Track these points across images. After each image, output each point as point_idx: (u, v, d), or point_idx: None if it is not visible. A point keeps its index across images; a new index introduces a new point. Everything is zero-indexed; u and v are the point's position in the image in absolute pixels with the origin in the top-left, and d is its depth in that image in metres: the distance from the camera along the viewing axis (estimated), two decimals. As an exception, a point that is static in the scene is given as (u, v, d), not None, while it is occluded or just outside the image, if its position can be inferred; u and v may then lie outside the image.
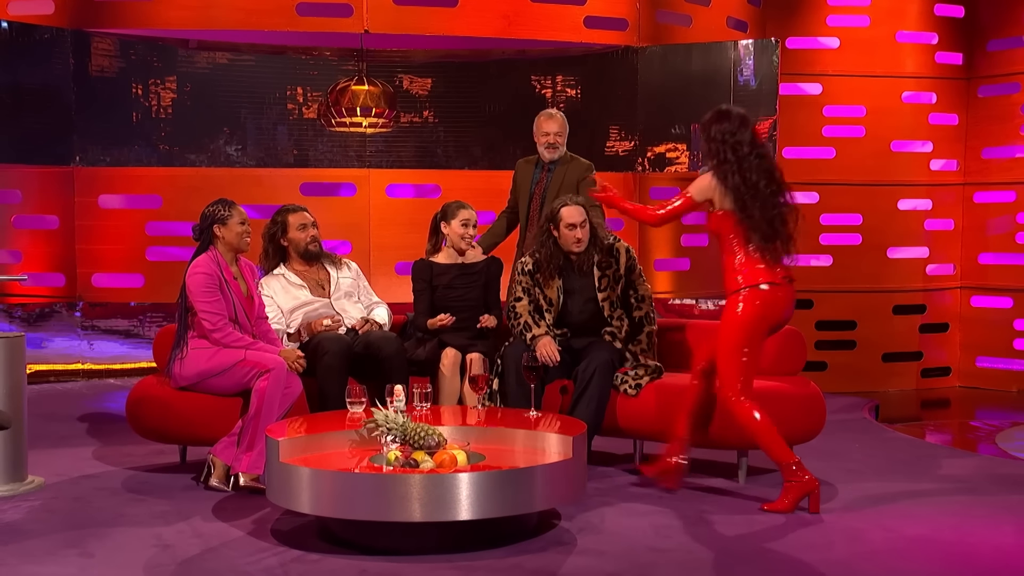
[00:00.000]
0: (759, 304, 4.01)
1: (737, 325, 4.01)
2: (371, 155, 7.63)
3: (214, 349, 4.32)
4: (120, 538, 3.66)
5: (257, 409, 4.18)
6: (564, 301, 4.74)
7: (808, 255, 8.25)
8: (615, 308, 4.72)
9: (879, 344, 8.05)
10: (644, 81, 7.51)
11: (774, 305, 4.03)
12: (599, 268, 4.74)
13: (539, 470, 3.51)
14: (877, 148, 8.03)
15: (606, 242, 4.77)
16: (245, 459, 4.20)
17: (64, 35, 6.90)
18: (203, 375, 4.32)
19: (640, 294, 4.76)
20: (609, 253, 4.76)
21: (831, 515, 3.96)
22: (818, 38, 8.05)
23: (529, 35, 7.35)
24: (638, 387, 4.52)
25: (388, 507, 3.31)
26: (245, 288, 4.47)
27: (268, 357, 4.29)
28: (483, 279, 5.01)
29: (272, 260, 4.96)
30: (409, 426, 3.59)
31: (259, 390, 4.18)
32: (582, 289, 4.74)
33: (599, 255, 4.75)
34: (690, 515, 3.95)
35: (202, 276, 4.31)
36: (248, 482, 4.19)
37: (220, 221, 4.39)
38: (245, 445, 4.20)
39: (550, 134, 5.46)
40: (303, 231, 4.91)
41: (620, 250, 4.78)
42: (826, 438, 4.87)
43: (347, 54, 7.51)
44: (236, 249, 4.45)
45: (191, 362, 4.33)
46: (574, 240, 4.66)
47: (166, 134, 7.31)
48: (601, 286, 4.73)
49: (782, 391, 4.43)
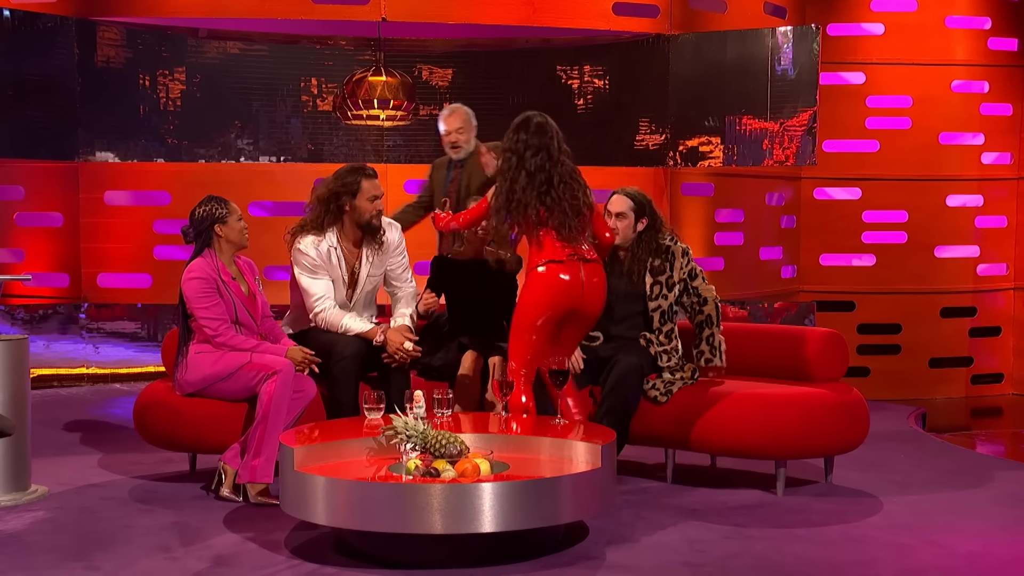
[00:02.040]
0: (540, 285, 4.28)
1: (523, 304, 4.34)
2: (388, 149, 7.66)
3: (218, 353, 4.34)
4: (128, 550, 3.68)
5: (264, 414, 4.19)
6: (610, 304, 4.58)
7: (850, 254, 8.22)
8: (666, 320, 4.61)
9: (926, 349, 8.00)
10: (676, 71, 7.50)
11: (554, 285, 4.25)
12: (652, 274, 4.63)
13: (566, 480, 3.50)
14: (924, 141, 7.98)
15: (663, 243, 4.66)
16: (252, 466, 4.21)
17: (68, 24, 6.97)
18: (208, 380, 4.35)
19: (703, 297, 4.61)
20: (664, 256, 4.65)
21: (876, 530, 3.93)
22: (861, 24, 8.01)
23: (554, 23, 7.36)
24: (668, 393, 4.50)
25: (407, 518, 3.31)
26: (246, 288, 4.48)
27: (275, 359, 4.30)
28: (508, 277, 4.98)
29: (328, 222, 4.67)
30: (430, 433, 3.59)
31: (266, 393, 4.20)
32: (627, 295, 4.65)
33: (653, 258, 4.63)
34: (725, 528, 3.94)
35: (197, 281, 4.33)
36: (257, 497, 4.20)
37: (220, 220, 4.40)
38: (252, 452, 4.21)
39: (450, 132, 5.43)
40: (373, 203, 4.69)
41: (676, 253, 4.64)
42: (869, 448, 4.85)
43: (364, 43, 7.54)
44: (238, 247, 4.48)
45: (195, 367, 4.36)
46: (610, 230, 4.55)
47: (175, 127, 7.36)
48: (652, 294, 4.63)
49: (822, 398, 4.41)
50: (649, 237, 4.66)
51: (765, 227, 8.15)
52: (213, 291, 4.33)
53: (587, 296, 4.30)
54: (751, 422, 4.35)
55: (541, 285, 4.28)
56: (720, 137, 7.48)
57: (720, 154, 7.51)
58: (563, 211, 4.31)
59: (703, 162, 7.56)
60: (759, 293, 8.02)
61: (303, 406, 4.34)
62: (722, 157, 7.50)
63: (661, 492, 4.49)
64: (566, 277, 4.25)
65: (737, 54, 7.40)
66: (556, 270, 4.26)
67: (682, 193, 7.92)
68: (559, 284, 4.25)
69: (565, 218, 4.30)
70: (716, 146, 7.52)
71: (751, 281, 8.02)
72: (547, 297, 4.26)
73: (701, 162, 7.56)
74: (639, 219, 4.66)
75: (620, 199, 4.66)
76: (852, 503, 4.32)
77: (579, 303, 4.29)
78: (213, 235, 4.41)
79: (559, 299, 4.27)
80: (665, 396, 4.49)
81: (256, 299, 4.51)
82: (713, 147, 7.53)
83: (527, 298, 4.32)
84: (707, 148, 7.55)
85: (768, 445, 4.35)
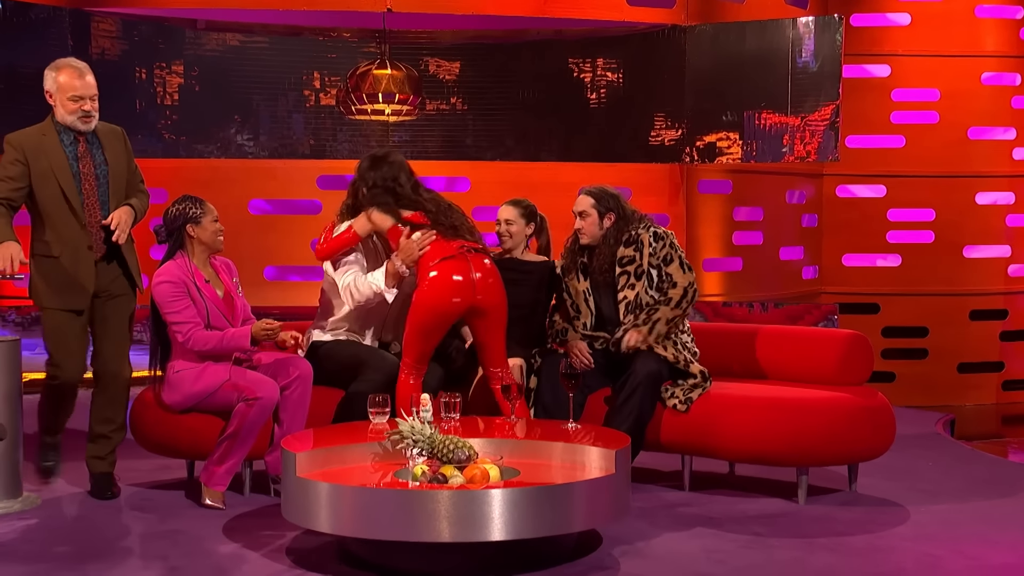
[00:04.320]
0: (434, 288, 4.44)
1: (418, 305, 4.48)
2: (394, 145, 7.67)
3: (199, 368, 4.33)
4: (124, 560, 3.70)
5: (235, 431, 4.25)
6: (597, 304, 4.72)
7: (874, 254, 8.21)
8: (635, 310, 4.58)
9: (954, 353, 7.98)
10: (693, 64, 7.51)
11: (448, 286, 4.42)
12: (620, 264, 4.65)
13: (578, 487, 3.50)
14: (952, 136, 7.97)
15: (633, 232, 4.65)
16: (212, 471, 4.30)
17: (62, 14, 7.00)
18: (191, 399, 4.36)
19: (674, 280, 4.57)
20: (635, 245, 4.65)
21: (903, 540, 3.92)
22: (886, 14, 8.01)
23: (566, 14, 7.37)
24: (688, 401, 4.49)
25: (414, 526, 3.32)
26: (222, 290, 4.45)
27: (259, 381, 4.28)
28: (536, 280, 4.99)
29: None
30: (437, 438, 3.60)
31: (239, 412, 4.24)
32: (607, 289, 4.69)
33: (624, 249, 4.64)
34: (745, 538, 3.93)
35: (167, 285, 4.31)
36: (210, 500, 4.29)
37: (193, 220, 4.38)
38: (216, 459, 4.30)
39: (84, 99, 4.45)
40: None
41: (644, 240, 4.63)
42: (896, 455, 4.84)
43: (368, 35, 7.56)
44: (211, 249, 4.45)
45: (177, 387, 4.37)
46: (578, 231, 4.68)
47: (172, 123, 7.39)
48: (619, 284, 4.64)
49: (846, 402, 4.40)
50: (618, 230, 4.66)
51: (785, 226, 8.14)
52: (183, 295, 4.30)
53: (480, 291, 4.41)
54: (771, 427, 4.34)
55: (435, 288, 4.39)
56: (739, 132, 7.48)
57: (738, 150, 7.50)
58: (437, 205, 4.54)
59: (721, 158, 7.56)
60: (779, 295, 8.01)
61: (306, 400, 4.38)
62: (741, 153, 7.50)
63: (677, 500, 4.48)
64: (459, 278, 4.39)
65: (756, 46, 7.40)
66: (448, 270, 4.39)
67: (699, 191, 7.92)
68: (452, 284, 4.39)
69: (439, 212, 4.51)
70: (734, 142, 7.52)
71: (771, 282, 8.01)
72: (442, 300, 4.39)
73: (719, 158, 7.56)
74: (604, 215, 4.67)
75: (581, 198, 4.72)
76: (878, 512, 4.31)
77: (474, 300, 4.41)
78: (185, 236, 4.40)
79: (453, 302, 4.39)
80: (684, 405, 4.48)
81: (235, 302, 4.48)
82: (731, 143, 7.53)
83: (422, 301, 4.41)
84: (725, 144, 7.55)
85: (789, 451, 4.34)
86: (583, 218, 4.69)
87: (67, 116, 4.41)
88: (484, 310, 4.46)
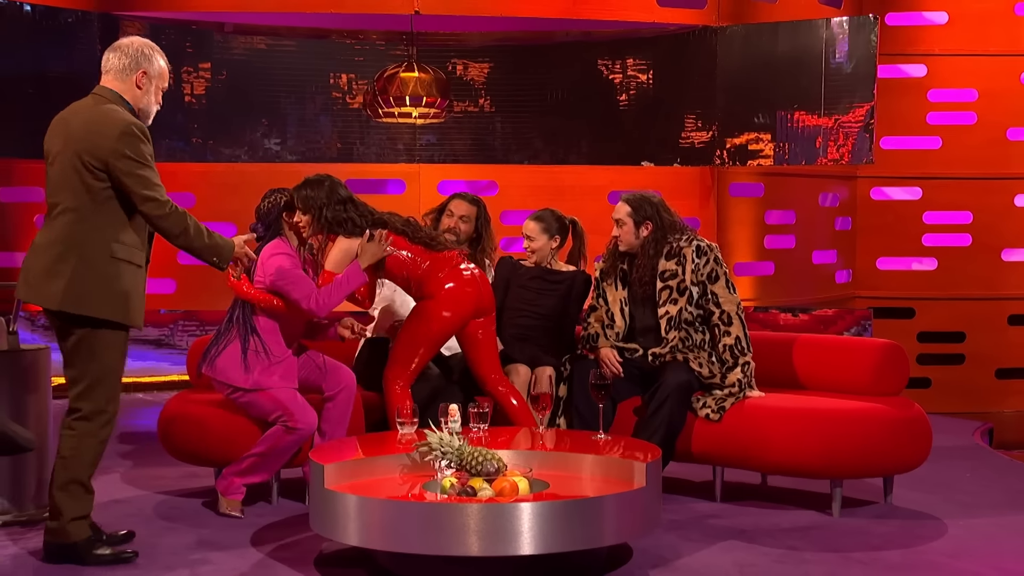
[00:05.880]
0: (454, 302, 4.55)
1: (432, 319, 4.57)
2: (422, 148, 7.68)
3: (261, 366, 4.34)
4: (150, 568, 3.72)
5: (265, 451, 4.29)
6: (632, 315, 4.69)
7: (909, 258, 8.14)
8: (678, 327, 4.57)
9: (992, 358, 7.90)
10: (724, 65, 7.46)
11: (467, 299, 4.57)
12: (662, 279, 4.62)
13: (609, 500, 3.49)
14: (990, 136, 7.88)
15: (675, 245, 4.62)
16: (233, 481, 4.33)
17: (90, 18, 7.05)
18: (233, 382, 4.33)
19: (724, 310, 4.56)
20: (677, 258, 4.62)
21: (940, 556, 3.88)
22: (923, 13, 7.93)
23: (596, 15, 7.35)
24: (721, 411, 4.46)
25: (442, 540, 3.31)
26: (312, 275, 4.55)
27: (304, 414, 4.27)
28: (564, 290, 4.99)
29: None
30: (465, 450, 3.60)
31: (275, 435, 4.27)
32: (646, 301, 4.66)
33: (665, 262, 4.60)
34: (778, 551, 3.90)
35: (284, 257, 4.33)
36: (227, 509, 4.32)
37: (288, 208, 4.46)
38: (238, 469, 4.33)
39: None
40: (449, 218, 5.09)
41: (687, 255, 4.59)
42: (932, 466, 4.78)
43: (396, 38, 7.57)
44: (302, 235, 4.48)
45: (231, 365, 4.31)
46: (615, 238, 4.67)
47: (199, 126, 7.42)
48: (660, 299, 4.61)
49: (881, 414, 4.36)
50: (657, 240, 4.62)
51: (818, 229, 8.08)
52: (300, 266, 4.39)
53: (485, 296, 4.58)
54: (805, 439, 4.31)
55: (456, 299, 4.49)
56: (771, 134, 7.43)
57: (771, 152, 7.45)
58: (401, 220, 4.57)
59: (752, 161, 7.51)
60: (812, 299, 7.96)
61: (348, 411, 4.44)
62: (773, 155, 7.45)
63: (709, 511, 4.46)
64: (470, 288, 4.52)
65: (789, 46, 7.35)
66: (464, 282, 4.50)
67: (730, 194, 7.87)
68: (470, 294, 4.52)
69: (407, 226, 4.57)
70: (766, 144, 7.47)
71: (803, 286, 7.96)
72: (465, 311, 4.52)
73: (750, 161, 7.51)
74: (641, 224, 4.64)
75: (619, 205, 4.71)
76: (914, 526, 4.27)
77: (480, 303, 4.55)
78: (283, 224, 4.47)
79: (470, 310, 4.54)
80: (717, 414, 4.45)
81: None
82: (763, 145, 7.48)
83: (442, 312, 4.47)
84: (756, 146, 7.50)
85: (824, 464, 4.30)
86: (619, 226, 4.67)
87: (152, 105, 3.91)
88: (487, 311, 4.59)
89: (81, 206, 3.67)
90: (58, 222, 3.71)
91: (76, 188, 3.68)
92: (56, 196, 3.74)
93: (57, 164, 3.76)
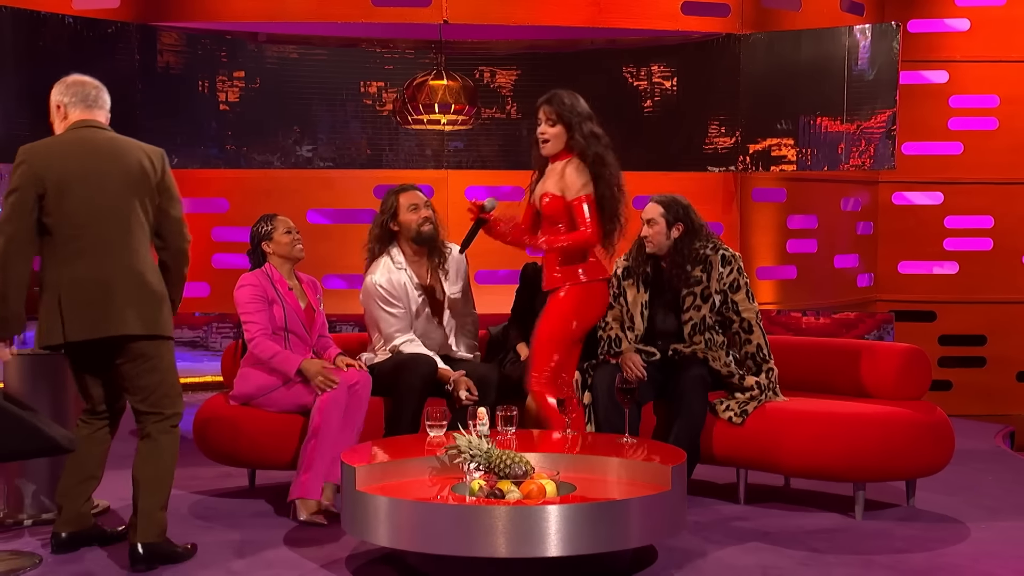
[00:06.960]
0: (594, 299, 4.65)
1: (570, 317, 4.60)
2: (450, 155, 7.69)
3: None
4: (188, 569, 3.74)
5: (315, 428, 4.26)
6: (651, 317, 4.67)
7: (931, 262, 8.07)
8: (702, 331, 4.55)
9: (1014, 361, 7.82)
10: (747, 71, 7.42)
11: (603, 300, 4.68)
12: (687, 284, 4.59)
13: (635, 502, 3.48)
14: (1012, 142, 7.81)
15: (702, 251, 4.59)
16: (301, 482, 4.25)
17: (129, 29, 7.10)
18: (263, 389, 4.45)
19: (744, 318, 4.55)
20: (703, 265, 4.60)
21: (963, 559, 3.84)
22: (945, 20, 7.87)
23: (621, 23, 7.33)
24: (744, 414, 4.44)
25: (471, 541, 3.32)
26: (304, 301, 4.60)
27: (337, 372, 4.40)
28: None
29: (380, 249, 4.80)
30: (494, 453, 3.60)
31: (316, 409, 4.27)
32: (670, 306, 4.64)
33: (692, 267, 4.57)
34: (801, 554, 3.88)
35: (247, 288, 4.50)
36: (309, 516, 4.23)
37: (266, 237, 4.59)
38: (303, 466, 4.27)
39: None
40: (415, 212, 4.76)
41: (714, 262, 4.56)
42: (954, 469, 4.74)
43: (425, 46, 7.58)
44: (290, 258, 4.60)
45: (250, 378, 4.49)
46: (644, 238, 4.64)
47: (233, 133, 7.46)
48: (684, 305, 4.59)
49: (904, 417, 4.32)
50: (687, 244, 4.58)
51: (840, 234, 8.03)
52: (260, 300, 4.47)
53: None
54: (828, 442, 4.28)
55: (595, 300, 4.58)
56: (793, 140, 7.38)
57: (793, 157, 7.41)
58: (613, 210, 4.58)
59: (775, 166, 7.47)
60: (834, 303, 7.90)
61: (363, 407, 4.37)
62: (796, 161, 7.40)
63: (733, 514, 4.44)
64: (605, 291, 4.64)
65: (812, 53, 7.30)
66: (603, 284, 4.60)
67: (753, 198, 7.84)
68: (606, 297, 4.63)
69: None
70: (789, 149, 7.42)
71: (825, 290, 7.91)
72: (598, 312, 4.61)
73: (773, 166, 7.47)
74: (673, 226, 4.60)
75: (650, 205, 4.66)
76: (937, 529, 4.23)
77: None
78: (264, 253, 4.59)
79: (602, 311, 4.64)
80: (740, 418, 4.43)
81: (315, 315, 4.64)
82: (786, 150, 7.43)
83: (580, 310, 4.53)
84: (779, 152, 7.46)
85: (847, 467, 4.28)
86: (651, 226, 4.61)
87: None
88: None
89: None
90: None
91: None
92: None
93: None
